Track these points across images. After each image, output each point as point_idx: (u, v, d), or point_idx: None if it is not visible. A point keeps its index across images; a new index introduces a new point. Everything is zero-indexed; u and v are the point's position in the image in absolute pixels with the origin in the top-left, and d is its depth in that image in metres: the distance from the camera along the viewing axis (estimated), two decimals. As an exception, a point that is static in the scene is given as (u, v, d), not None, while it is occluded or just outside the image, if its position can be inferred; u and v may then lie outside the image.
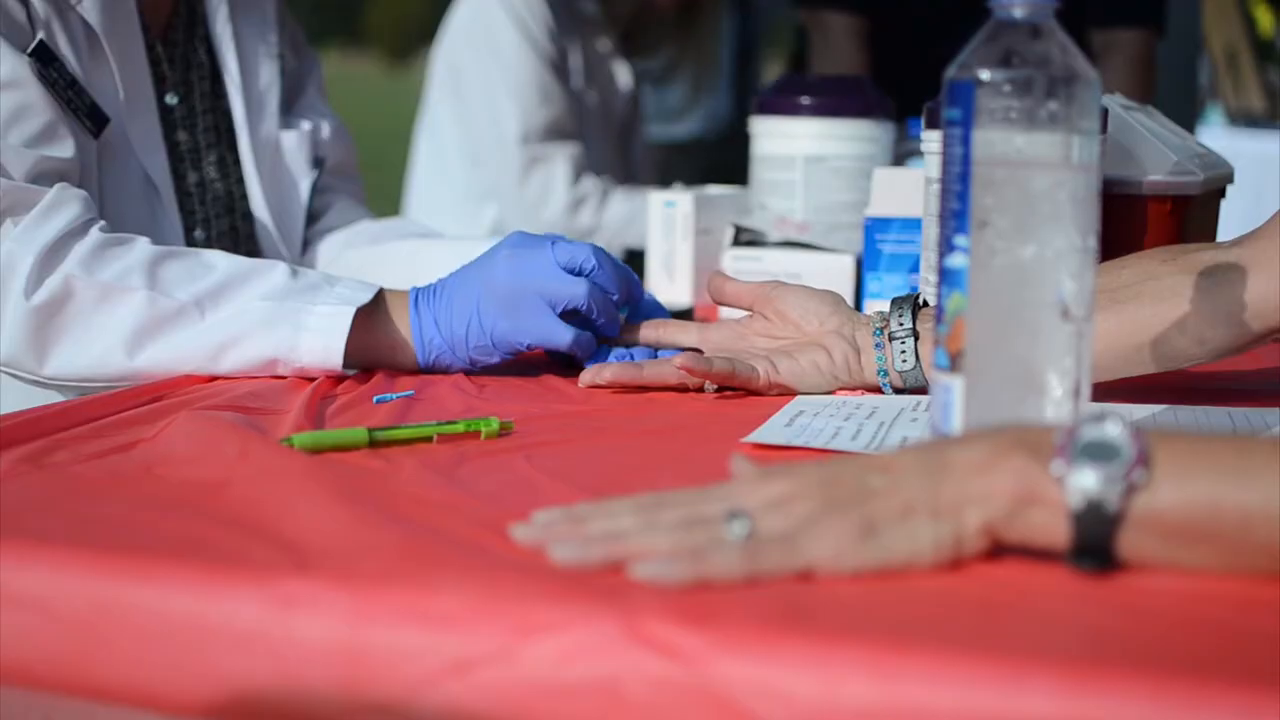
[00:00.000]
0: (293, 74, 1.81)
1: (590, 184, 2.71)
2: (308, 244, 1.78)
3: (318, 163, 1.78)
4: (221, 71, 1.70)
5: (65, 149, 1.45)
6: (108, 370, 1.37)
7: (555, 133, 2.72)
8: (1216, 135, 4.39)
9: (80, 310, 1.36)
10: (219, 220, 1.69)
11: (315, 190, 1.78)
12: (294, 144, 1.75)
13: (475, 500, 0.95)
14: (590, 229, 2.68)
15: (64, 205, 1.40)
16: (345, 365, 1.36)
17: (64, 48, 1.48)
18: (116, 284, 1.36)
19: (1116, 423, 0.79)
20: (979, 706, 0.67)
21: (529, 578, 0.79)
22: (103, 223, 1.42)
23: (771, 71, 6.04)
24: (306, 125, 1.78)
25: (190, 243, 1.64)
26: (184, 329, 1.36)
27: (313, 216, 1.79)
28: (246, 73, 1.70)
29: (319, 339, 1.35)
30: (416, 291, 1.40)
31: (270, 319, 1.35)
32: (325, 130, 1.80)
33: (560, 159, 2.70)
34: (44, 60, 1.46)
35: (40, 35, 1.46)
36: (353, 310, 1.35)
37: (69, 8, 1.49)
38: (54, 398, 1.44)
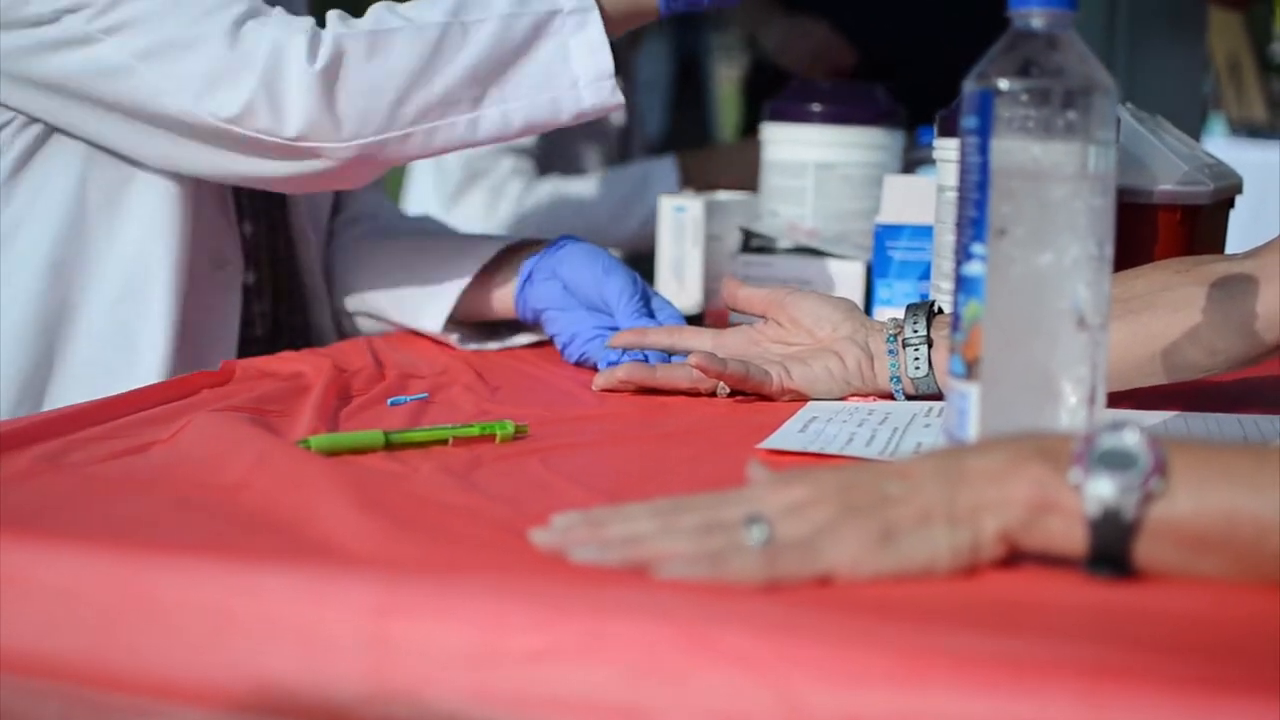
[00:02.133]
0: None
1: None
2: (333, 235, 1.78)
3: None
4: None
5: None
6: (402, 119, 1.42)
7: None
8: (1219, 145, 4.39)
9: (358, 63, 1.41)
10: (264, 216, 1.70)
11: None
12: None
13: (492, 502, 0.96)
14: (505, 225, 2.65)
15: (297, 9, 1.46)
16: None
17: None
18: (379, 28, 1.42)
19: (1134, 431, 0.79)
20: (995, 714, 0.68)
21: (548, 578, 0.80)
22: None
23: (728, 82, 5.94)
24: None
25: (240, 234, 1.65)
26: (453, 55, 1.42)
27: (337, 207, 1.80)
28: None
29: (586, 50, 1.43)
30: None
31: (529, 32, 1.43)
32: None
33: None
34: None
35: None
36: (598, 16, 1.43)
37: None
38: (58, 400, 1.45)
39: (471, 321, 1.62)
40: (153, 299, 1.51)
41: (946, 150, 1.48)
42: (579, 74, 1.45)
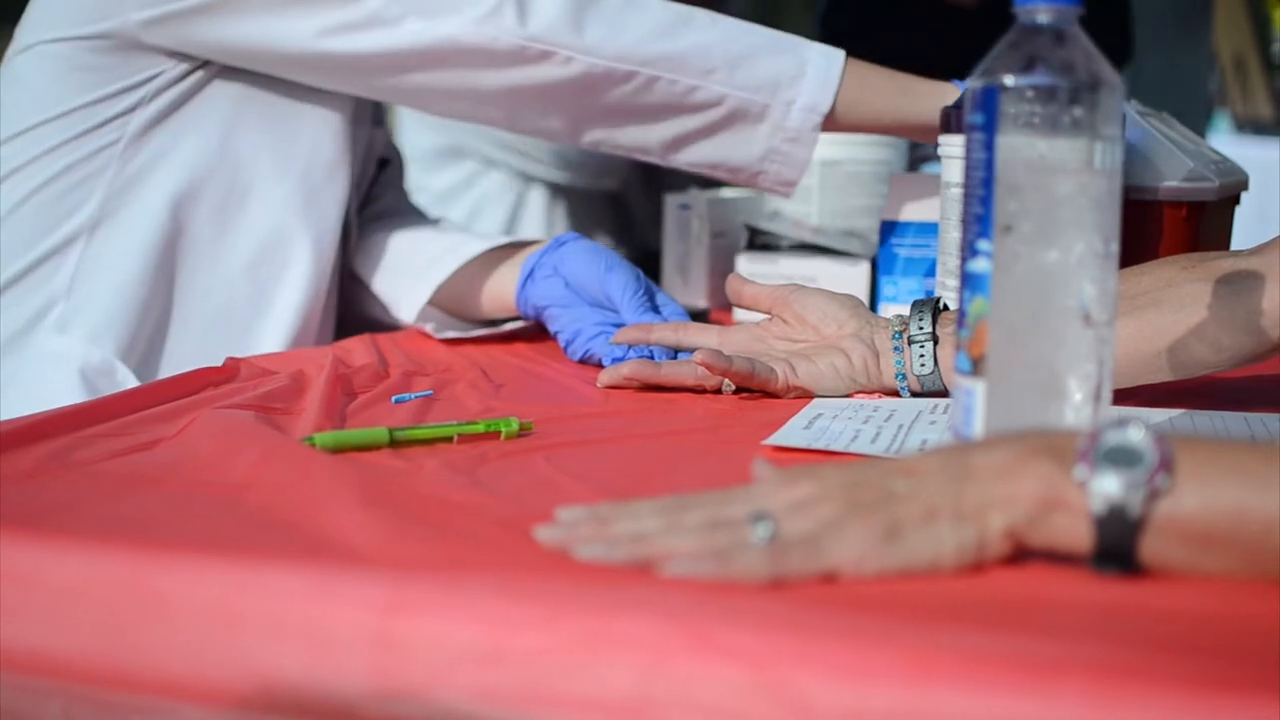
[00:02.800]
0: None
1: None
2: (359, 228, 1.78)
3: (382, 163, 1.81)
4: None
5: None
6: (634, 55, 1.50)
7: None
8: (1225, 142, 4.39)
9: (612, 5, 1.50)
10: None
11: (375, 180, 1.81)
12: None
13: (497, 500, 0.95)
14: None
15: None
16: None
17: None
18: None
19: (1139, 428, 0.79)
20: (1001, 712, 0.68)
21: (553, 575, 0.80)
22: None
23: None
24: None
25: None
26: (698, 31, 1.51)
27: (365, 201, 1.81)
28: None
29: (819, 71, 1.52)
30: None
31: (774, 44, 1.53)
32: (380, 135, 1.82)
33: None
34: None
35: None
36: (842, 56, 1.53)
37: None
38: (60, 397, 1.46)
39: (470, 318, 1.62)
40: (292, 263, 1.56)
41: (952, 147, 1.48)
42: (799, 97, 1.53)
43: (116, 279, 1.52)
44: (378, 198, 1.81)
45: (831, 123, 1.54)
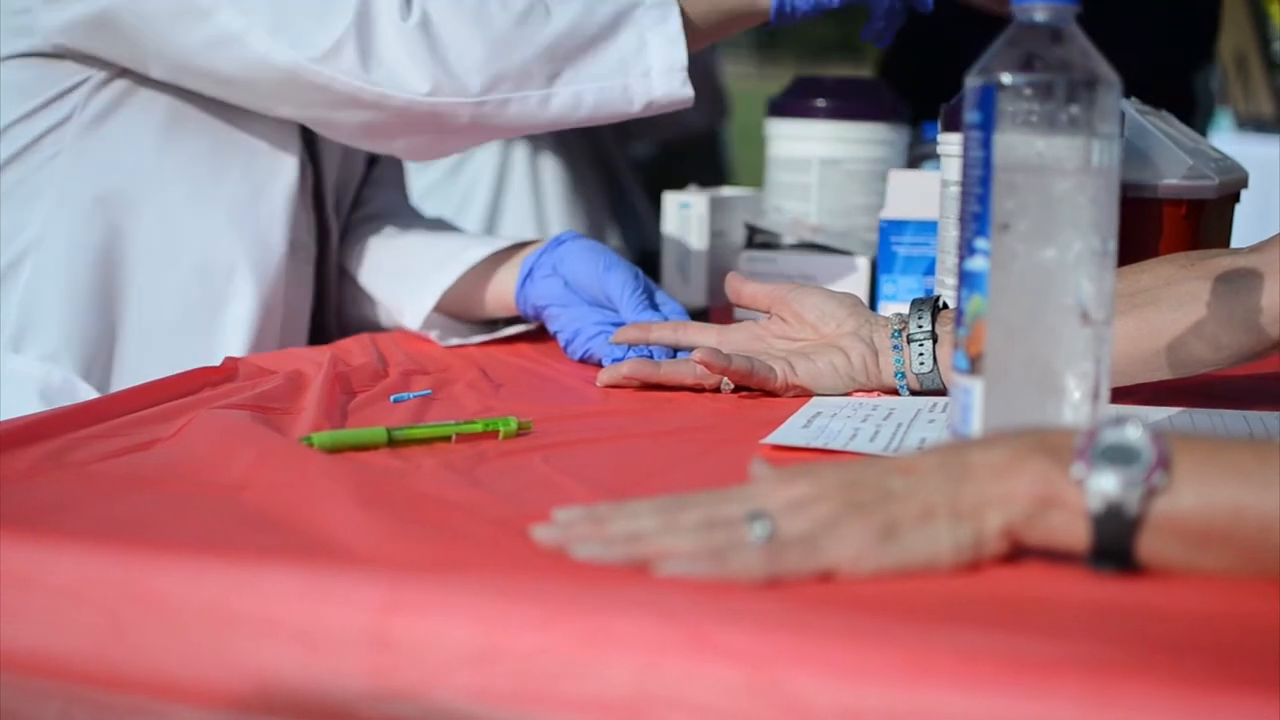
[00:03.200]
0: None
1: None
2: (349, 229, 1.78)
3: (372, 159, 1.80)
4: None
5: None
6: (478, 85, 1.45)
7: None
8: (1226, 140, 4.38)
9: (444, 26, 1.44)
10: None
11: (366, 181, 1.80)
12: None
13: (495, 499, 0.95)
14: None
15: None
16: None
17: None
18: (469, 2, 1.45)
19: (1137, 426, 0.79)
20: (998, 711, 0.68)
21: (550, 575, 0.80)
22: None
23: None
24: None
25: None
26: (538, 31, 1.46)
27: (356, 203, 1.80)
28: None
29: (660, 36, 1.47)
30: None
31: (610, 20, 1.47)
32: None
33: None
34: None
35: None
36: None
37: None
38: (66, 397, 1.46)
39: (472, 319, 1.62)
40: (236, 277, 1.55)
41: (950, 145, 1.48)
42: (653, 64, 1.48)
43: (68, 295, 1.51)
44: (369, 199, 1.80)
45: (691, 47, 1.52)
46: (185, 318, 1.55)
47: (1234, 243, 1.60)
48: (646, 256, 2.53)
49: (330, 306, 1.72)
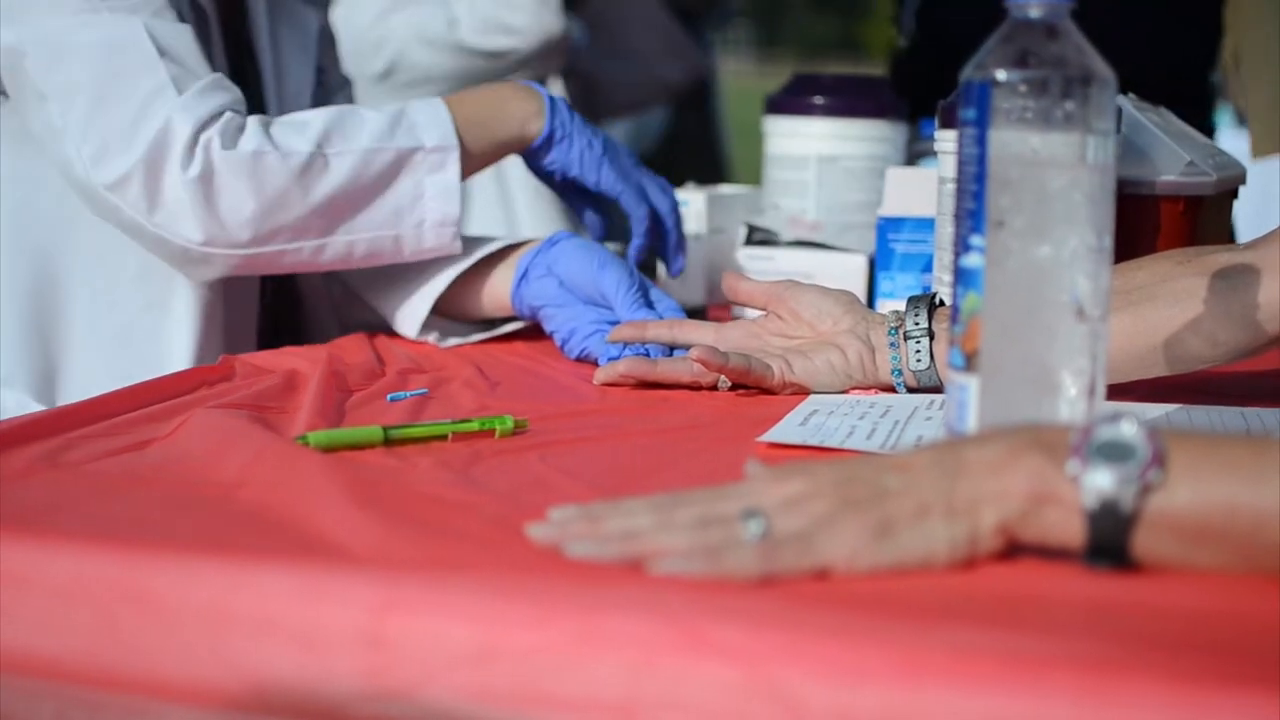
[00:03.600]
0: (329, 85, 1.83)
1: None
2: None
3: None
4: (261, 74, 1.72)
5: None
6: (248, 239, 1.46)
7: None
8: (1226, 136, 4.37)
9: (224, 182, 1.44)
10: None
11: None
12: None
13: (490, 498, 0.95)
14: None
15: (222, 89, 1.48)
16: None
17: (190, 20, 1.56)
18: (252, 150, 1.44)
19: (1132, 422, 0.79)
20: (994, 709, 0.67)
21: (545, 574, 0.79)
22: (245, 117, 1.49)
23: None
24: None
25: None
26: (312, 182, 1.46)
27: None
28: (279, 75, 1.73)
29: (440, 192, 1.49)
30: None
31: (393, 165, 1.48)
32: None
33: None
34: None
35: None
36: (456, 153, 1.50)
37: None
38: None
39: (469, 320, 1.62)
40: (175, 281, 1.55)
41: (947, 142, 1.48)
42: (427, 217, 1.51)
43: (11, 317, 1.53)
44: None
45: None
46: (129, 326, 1.55)
47: (1235, 238, 1.60)
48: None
49: (309, 307, 1.72)
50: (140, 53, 1.45)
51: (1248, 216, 1.80)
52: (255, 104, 1.72)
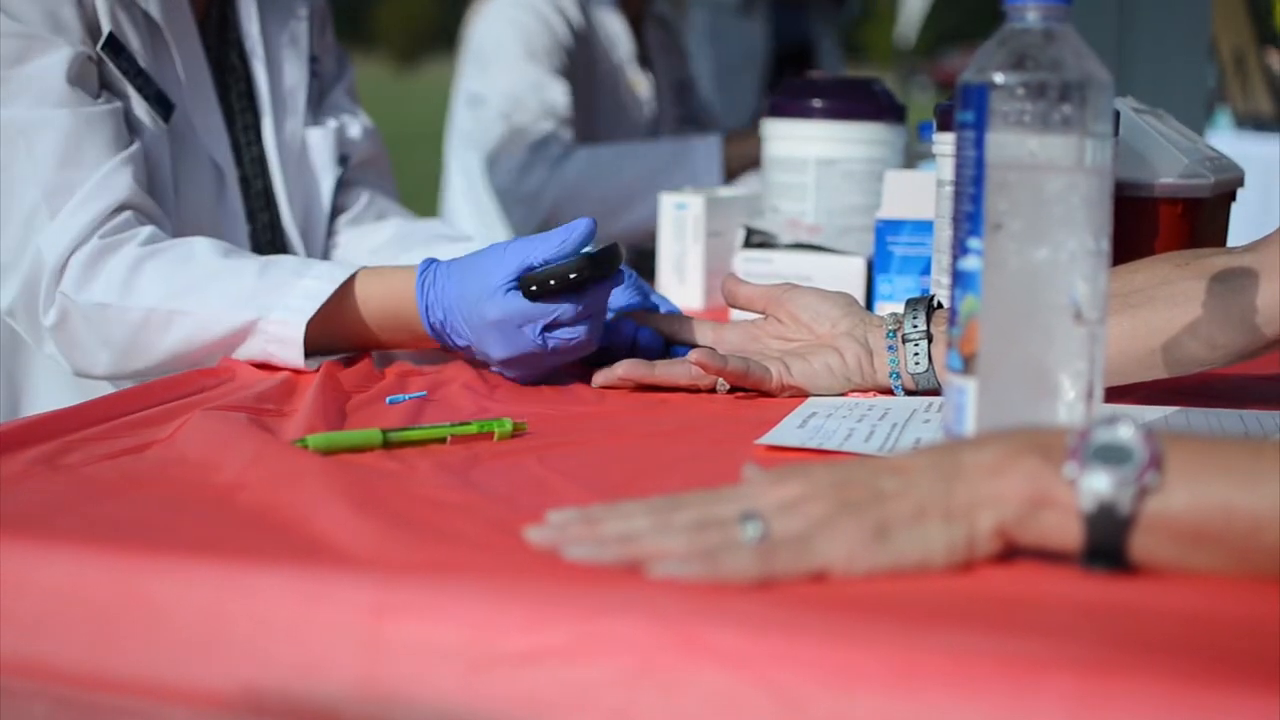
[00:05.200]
0: (325, 76, 1.83)
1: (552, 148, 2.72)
2: (332, 235, 1.80)
3: (343, 160, 1.80)
4: (251, 73, 1.72)
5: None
6: (107, 374, 1.49)
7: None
8: (1225, 139, 4.38)
9: (78, 329, 1.46)
10: (261, 214, 1.73)
11: (340, 185, 1.80)
12: (319, 140, 1.78)
13: (489, 501, 0.95)
14: (537, 191, 2.68)
15: (106, 191, 1.46)
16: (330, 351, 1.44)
17: (131, 40, 1.55)
18: (99, 301, 1.44)
19: (1129, 425, 0.79)
20: (991, 712, 0.68)
21: (542, 577, 0.79)
22: (125, 214, 1.47)
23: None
24: (333, 123, 1.80)
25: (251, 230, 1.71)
26: (152, 337, 1.43)
27: (338, 210, 1.81)
28: (273, 73, 1.73)
29: (280, 349, 1.40)
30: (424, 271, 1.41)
31: (236, 330, 1.41)
32: (353, 129, 1.83)
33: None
34: (115, 50, 1.53)
35: (109, 29, 1.52)
36: (304, 322, 1.39)
37: (132, 2, 1.55)
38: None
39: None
40: None
41: (946, 145, 1.48)
42: (273, 354, 1.43)
43: None
44: (349, 203, 1.82)
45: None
46: None
47: (1231, 241, 1.60)
48: (642, 256, 2.53)
49: None
50: (17, 169, 1.46)
51: (1250, 217, 1.80)
52: (249, 104, 1.72)
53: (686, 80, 3.15)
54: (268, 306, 1.40)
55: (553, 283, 1.31)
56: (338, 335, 1.43)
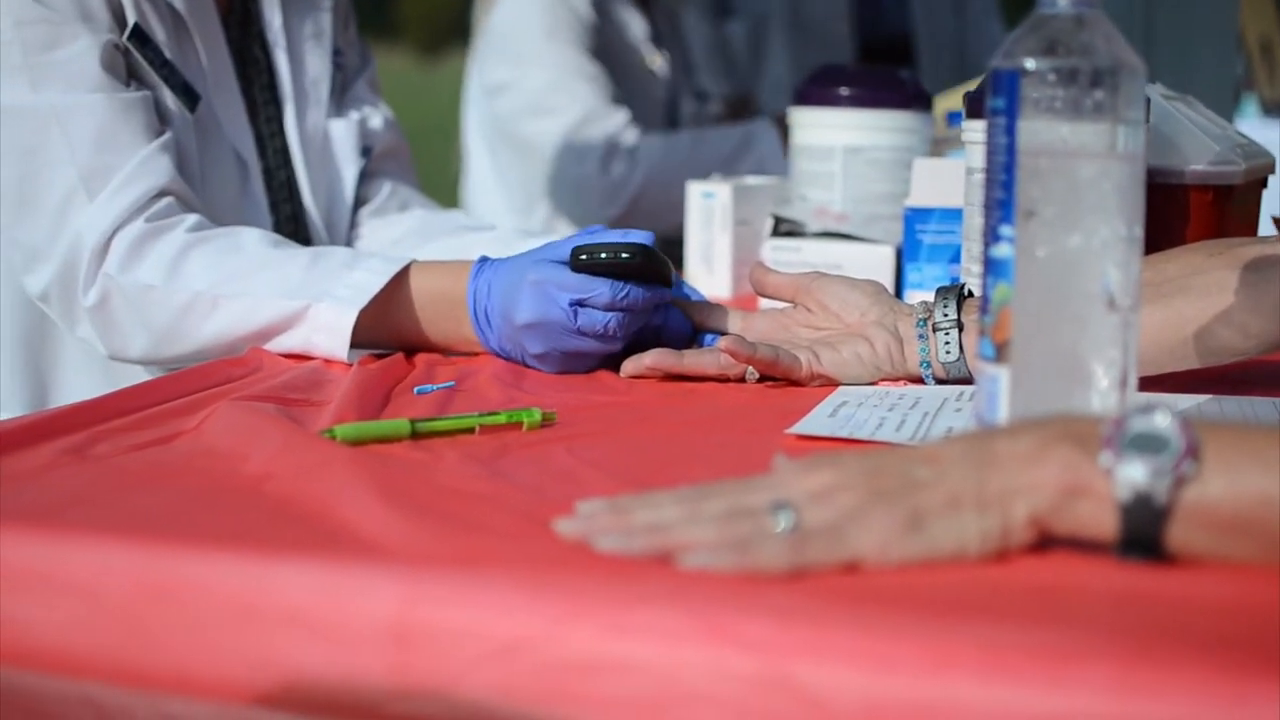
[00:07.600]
0: (348, 68, 1.83)
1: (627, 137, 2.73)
2: (355, 226, 1.79)
3: (365, 151, 1.80)
4: (274, 64, 1.72)
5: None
6: (139, 358, 1.49)
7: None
8: (1252, 126, 4.35)
9: (119, 311, 1.45)
10: (283, 205, 1.73)
11: (363, 176, 1.80)
12: (342, 132, 1.78)
13: (518, 491, 0.95)
14: (622, 180, 2.69)
15: (145, 175, 1.47)
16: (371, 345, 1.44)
17: (156, 31, 1.56)
18: (144, 283, 1.44)
19: (1165, 414, 0.78)
20: (1024, 703, 0.67)
21: (572, 567, 0.79)
22: (167, 199, 1.48)
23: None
24: (355, 115, 1.80)
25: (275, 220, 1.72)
26: (197, 323, 1.43)
27: (361, 201, 1.81)
28: (295, 65, 1.73)
29: (327, 339, 1.41)
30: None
31: (283, 318, 1.42)
32: (375, 121, 1.83)
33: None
34: (141, 41, 1.53)
35: (134, 20, 1.53)
36: (355, 313, 1.40)
37: None
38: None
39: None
40: None
41: (975, 132, 1.47)
42: (318, 345, 1.43)
43: (7, 342, 1.59)
44: (372, 195, 1.82)
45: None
46: None
47: (1263, 228, 1.59)
48: (670, 245, 2.53)
49: None
50: (52, 153, 1.46)
51: (1276, 205, 1.79)
52: (271, 95, 1.72)
53: (690, 63, 3.19)
54: (319, 295, 1.41)
55: (603, 255, 1.33)
56: (384, 328, 1.44)
